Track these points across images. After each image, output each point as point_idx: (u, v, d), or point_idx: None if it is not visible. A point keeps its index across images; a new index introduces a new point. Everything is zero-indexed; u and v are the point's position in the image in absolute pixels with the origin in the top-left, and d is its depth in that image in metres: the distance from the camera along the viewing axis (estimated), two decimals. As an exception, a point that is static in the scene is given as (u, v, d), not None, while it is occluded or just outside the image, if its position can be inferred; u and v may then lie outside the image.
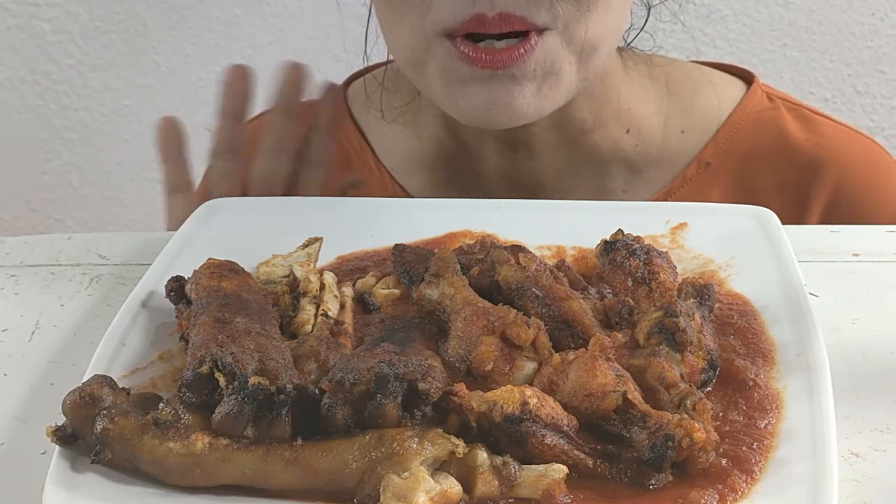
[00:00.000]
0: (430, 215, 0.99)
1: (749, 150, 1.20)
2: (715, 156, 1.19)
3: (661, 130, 1.20)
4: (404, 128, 1.24)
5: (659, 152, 1.20)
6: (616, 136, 1.18)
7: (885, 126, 2.06)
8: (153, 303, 0.86)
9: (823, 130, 1.21)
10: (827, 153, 1.19)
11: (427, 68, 1.06)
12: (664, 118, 1.20)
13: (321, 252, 0.93)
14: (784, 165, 1.20)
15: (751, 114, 1.21)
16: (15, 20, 1.99)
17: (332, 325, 0.81)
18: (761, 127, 1.20)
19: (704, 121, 1.21)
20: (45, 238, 1.04)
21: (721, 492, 0.66)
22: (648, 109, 1.20)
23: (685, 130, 1.20)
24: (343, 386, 0.68)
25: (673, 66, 1.24)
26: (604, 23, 1.03)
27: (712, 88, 1.23)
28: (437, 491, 0.65)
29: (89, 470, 0.68)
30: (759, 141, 1.20)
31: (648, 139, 1.19)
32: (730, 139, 1.20)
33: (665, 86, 1.22)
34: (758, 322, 0.83)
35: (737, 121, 1.20)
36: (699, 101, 1.22)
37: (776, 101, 1.22)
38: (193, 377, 0.69)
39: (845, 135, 1.23)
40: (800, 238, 0.96)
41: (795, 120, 1.21)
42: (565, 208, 1.02)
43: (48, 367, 0.85)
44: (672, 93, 1.21)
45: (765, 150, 1.20)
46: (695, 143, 1.20)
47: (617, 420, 0.70)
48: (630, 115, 1.18)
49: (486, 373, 0.76)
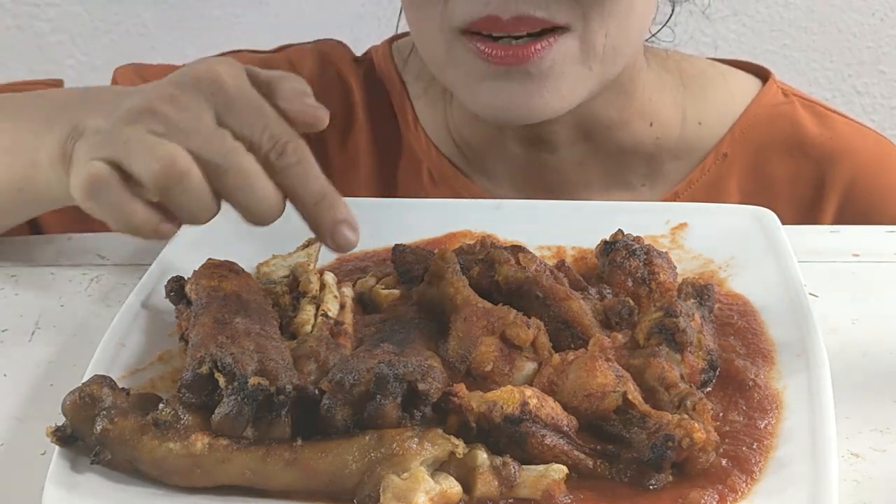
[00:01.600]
0: (430, 215, 0.99)
1: (765, 143, 1.21)
2: (732, 147, 1.20)
3: (680, 122, 1.21)
4: (433, 103, 1.24)
5: (677, 144, 1.21)
6: (640, 130, 1.19)
7: (885, 126, 2.06)
8: (153, 303, 0.86)
9: (837, 126, 1.23)
10: (841, 147, 1.21)
11: (448, 68, 1.07)
12: (681, 109, 1.21)
13: (321, 252, 0.93)
14: (799, 158, 1.21)
15: (767, 107, 1.22)
16: (15, 20, 1.99)
17: (331, 325, 0.81)
18: (777, 120, 1.22)
19: (719, 113, 1.22)
20: (45, 238, 1.04)
21: (721, 492, 0.66)
22: (666, 101, 1.20)
23: (702, 122, 1.21)
24: (343, 386, 0.68)
25: (686, 61, 1.25)
26: (625, 27, 1.04)
27: (724, 82, 1.24)
28: (436, 491, 0.65)
29: (89, 470, 0.68)
30: (774, 134, 1.21)
31: (668, 131, 1.20)
32: (746, 131, 1.21)
33: (679, 77, 1.22)
34: (758, 322, 0.83)
35: (753, 113, 1.21)
36: (712, 94, 1.23)
37: (791, 97, 1.24)
38: (193, 378, 0.69)
39: (858, 131, 1.25)
40: (800, 238, 0.96)
41: (810, 115, 1.23)
42: (565, 208, 1.02)
43: (48, 367, 0.85)
44: (686, 86, 1.22)
45: (780, 143, 1.21)
46: (712, 135, 1.21)
47: (617, 420, 0.70)
48: (651, 107, 1.19)
49: (486, 373, 0.76)
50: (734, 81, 1.25)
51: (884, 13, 1.98)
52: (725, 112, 1.22)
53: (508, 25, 0.99)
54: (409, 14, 1.10)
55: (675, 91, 1.21)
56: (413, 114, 1.24)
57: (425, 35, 1.08)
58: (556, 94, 1.04)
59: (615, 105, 1.16)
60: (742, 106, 1.22)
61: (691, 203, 1.13)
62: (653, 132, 1.19)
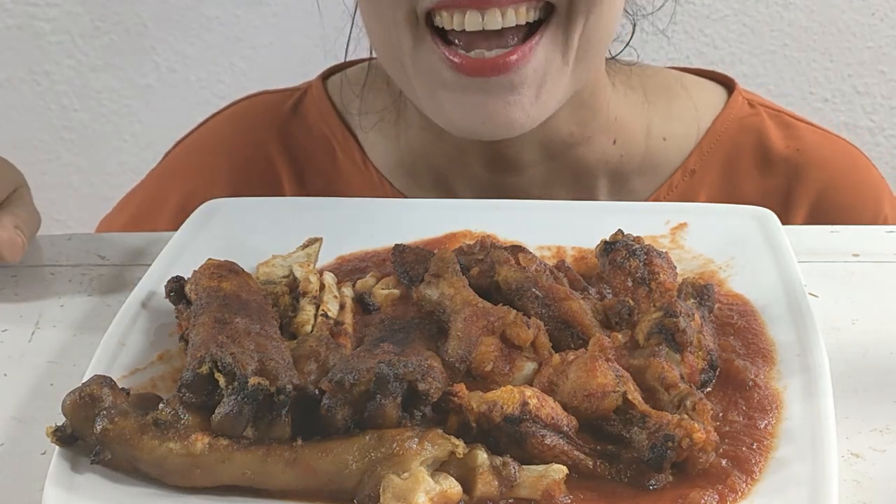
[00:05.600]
0: (430, 215, 0.99)
1: (732, 157, 1.21)
2: (699, 163, 1.20)
3: (644, 139, 1.20)
4: (384, 134, 1.22)
5: (642, 161, 1.20)
6: (602, 147, 1.18)
7: (885, 126, 2.06)
8: (153, 303, 0.86)
9: (803, 136, 1.22)
10: (808, 158, 1.21)
11: (408, 68, 1.04)
12: (646, 125, 1.20)
13: (321, 252, 0.93)
14: (766, 171, 1.21)
15: (733, 121, 1.21)
16: (15, 20, 1.99)
17: (331, 325, 0.81)
18: (743, 133, 1.21)
19: (684, 128, 1.21)
20: (45, 238, 1.04)
21: (721, 492, 0.66)
22: (630, 117, 1.19)
23: (667, 138, 1.20)
24: (343, 386, 0.68)
25: (649, 73, 1.24)
26: (602, 22, 1.03)
27: (687, 95, 1.23)
28: (436, 491, 0.65)
29: (89, 470, 0.68)
30: (741, 147, 1.21)
31: (632, 148, 1.19)
32: (713, 146, 1.20)
33: (643, 94, 1.21)
34: (758, 322, 0.83)
35: (720, 128, 1.21)
36: (677, 109, 1.22)
37: (757, 108, 1.23)
38: (193, 377, 0.69)
39: (824, 139, 1.24)
40: (800, 238, 0.96)
41: (776, 126, 1.22)
42: (565, 208, 1.02)
43: (48, 367, 0.85)
44: (650, 101, 1.21)
45: (748, 157, 1.21)
46: (678, 151, 1.20)
47: (617, 420, 0.70)
48: (617, 125, 1.18)
49: (486, 373, 0.76)
50: (699, 94, 1.23)
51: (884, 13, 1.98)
52: (691, 126, 1.21)
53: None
54: (366, 7, 1.05)
55: (640, 107, 1.20)
56: (361, 152, 1.21)
57: (382, 29, 1.04)
58: (536, 102, 1.02)
59: (577, 120, 1.14)
60: (708, 119, 1.21)
61: (691, 203, 1.13)
62: (616, 149, 1.18)
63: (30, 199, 1.00)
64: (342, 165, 1.22)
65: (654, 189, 1.20)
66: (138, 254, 1.01)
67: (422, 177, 1.20)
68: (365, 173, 1.21)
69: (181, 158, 1.29)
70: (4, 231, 0.93)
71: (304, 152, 1.23)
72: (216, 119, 1.30)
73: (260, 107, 1.28)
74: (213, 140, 1.28)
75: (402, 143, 1.20)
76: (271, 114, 1.25)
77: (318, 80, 1.26)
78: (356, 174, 1.21)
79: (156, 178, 1.30)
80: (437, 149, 1.17)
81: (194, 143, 1.29)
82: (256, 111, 1.27)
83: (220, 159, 1.25)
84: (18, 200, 0.98)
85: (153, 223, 1.25)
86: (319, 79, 1.26)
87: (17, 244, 0.94)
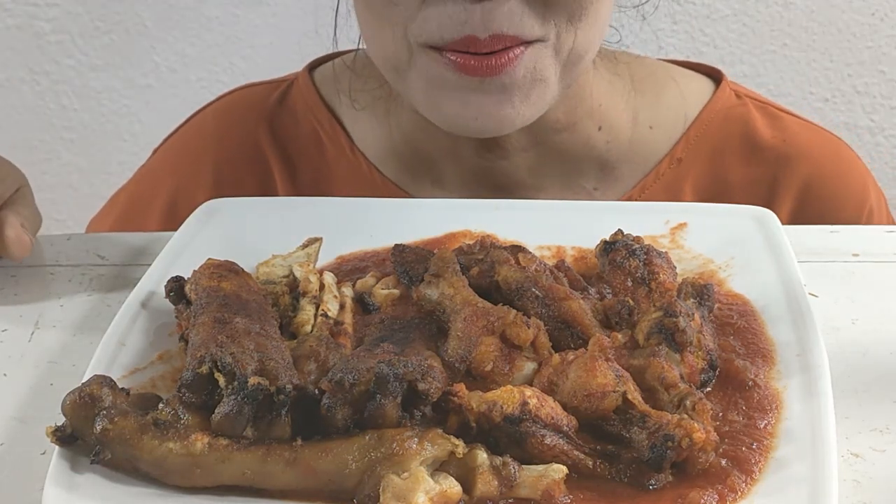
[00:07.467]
0: (430, 215, 0.99)
1: (719, 147, 1.21)
2: (686, 152, 1.20)
3: (630, 126, 1.20)
4: (375, 117, 1.22)
5: (629, 148, 1.20)
6: (588, 133, 1.18)
7: (885, 126, 2.06)
8: (153, 303, 0.86)
9: (790, 127, 1.23)
10: (794, 149, 1.21)
11: (408, 74, 1.05)
12: (632, 114, 1.21)
13: (321, 252, 0.93)
14: (753, 161, 1.21)
15: (720, 110, 1.22)
16: (15, 20, 1.99)
17: (331, 325, 0.81)
18: (730, 123, 1.21)
19: (672, 116, 1.22)
20: (45, 238, 1.04)
21: (721, 492, 0.66)
22: (617, 105, 1.20)
23: (653, 126, 1.21)
24: (343, 386, 0.68)
25: (636, 62, 1.24)
26: (591, 33, 1.03)
27: (675, 85, 1.23)
28: (436, 491, 0.65)
29: (89, 470, 0.68)
30: (728, 137, 1.21)
31: (618, 135, 1.20)
32: (700, 135, 1.21)
33: (630, 82, 1.22)
34: (757, 322, 0.83)
35: (707, 117, 1.21)
36: (664, 98, 1.22)
37: (744, 99, 1.24)
38: (193, 377, 0.69)
39: (810, 131, 1.25)
40: (800, 238, 0.96)
41: (763, 117, 1.23)
42: (565, 208, 1.02)
43: (48, 367, 0.85)
44: (637, 89, 1.22)
45: (734, 147, 1.21)
46: (664, 139, 1.21)
47: (617, 420, 0.70)
48: (601, 112, 1.18)
49: (486, 373, 0.76)
50: (686, 84, 1.24)
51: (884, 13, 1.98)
52: (678, 115, 1.21)
53: (485, 44, 0.98)
54: (367, 20, 1.07)
55: (626, 95, 1.21)
56: (349, 140, 1.22)
57: (383, 45, 1.05)
58: (526, 102, 1.02)
59: (562, 107, 1.15)
60: (695, 109, 1.22)
61: (691, 203, 1.13)
62: (602, 136, 1.19)
63: (32, 199, 1.02)
64: (329, 154, 1.23)
65: (640, 176, 1.20)
66: (138, 254, 1.01)
67: (411, 161, 1.21)
68: (353, 161, 1.22)
69: (168, 155, 1.30)
70: (12, 229, 0.95)
71: (292, 142, 1.24)
72: (202, 114, 1.30)
73: (246, 99, 1.28)
74: (199, 135, 1.28)
75: (392, 125, 1.21)
76: (258, 106, 1.26)
77: (305, 70, 1.27)
78: (344, 162, 1.22)
79: (143, 176, 1.31)
80: (428, 132, 1.17)
81: (181, 139, 1.30)
82: (243, 104, 1.28)
83: (207, 154, 1.25)
84: (22, 200, 1.00)
85: (143, 220, 1.26)
86: (306, 69, 1.27)
87: (24, 242, 0.95)
